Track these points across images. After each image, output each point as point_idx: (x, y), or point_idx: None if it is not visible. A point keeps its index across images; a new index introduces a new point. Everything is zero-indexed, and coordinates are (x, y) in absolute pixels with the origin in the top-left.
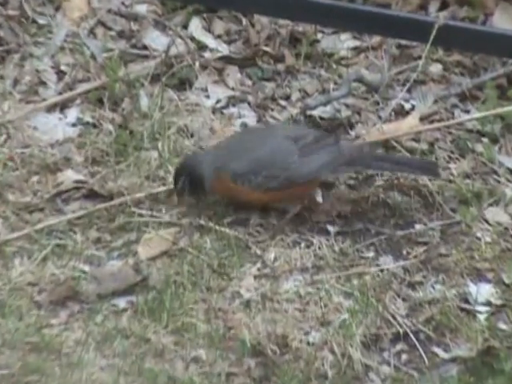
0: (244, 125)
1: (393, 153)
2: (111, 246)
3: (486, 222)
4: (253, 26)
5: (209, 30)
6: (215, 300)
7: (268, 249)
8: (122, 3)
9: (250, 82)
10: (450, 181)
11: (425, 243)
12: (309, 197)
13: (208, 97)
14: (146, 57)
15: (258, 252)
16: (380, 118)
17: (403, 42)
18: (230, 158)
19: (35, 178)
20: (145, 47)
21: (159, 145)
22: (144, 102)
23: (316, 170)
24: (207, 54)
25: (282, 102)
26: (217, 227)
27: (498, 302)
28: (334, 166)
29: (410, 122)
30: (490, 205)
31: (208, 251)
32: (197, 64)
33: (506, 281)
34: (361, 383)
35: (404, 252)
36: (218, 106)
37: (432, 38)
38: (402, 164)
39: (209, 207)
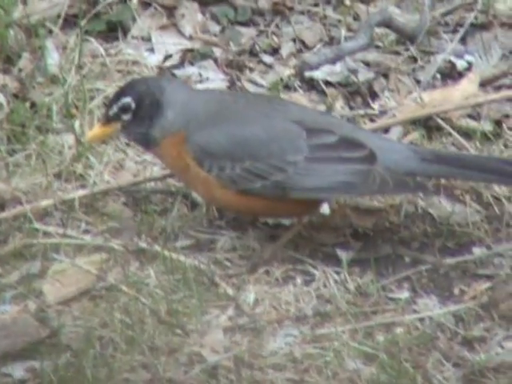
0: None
1: (438, 137)
2: (1, 283)
3: None
4: None
5: None
6: (163, 367)
7: (245, 287)
8: None
9: (216, 28)
10: None
11: (488, 277)
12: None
13: (152, 50)
14: None
15: (230, 292)
16: (418, 82)
17: None
18: (201, 121)
19: None
20: None
21: (76, 124)
22: (52, 59)
23: (321, 190)
24: None
25: (267, 59)
26: (166, 252)
27: None
28: (358, 193)
29: (466, 89)
30: None
31: (152, 290)
32: None
33: None
34: None
35: (456, 291)
36: (168, 64)
37: None
38: (469, 166)
39: (154, 220)
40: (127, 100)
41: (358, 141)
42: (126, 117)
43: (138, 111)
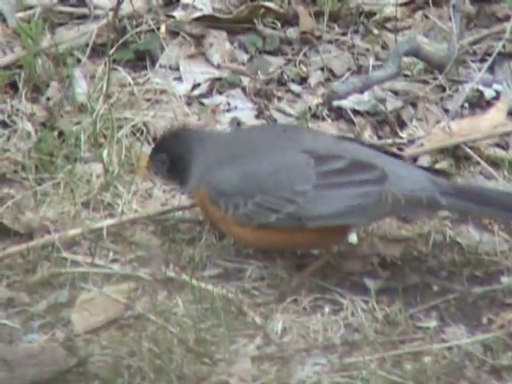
0: (236, 121)
1: (466, 166)
2: (29, 312)
3: None
4: None
5: None
6: None
7: (273, 315)
8: None
9: (244, 57)
10: None
11: None
12: (333, 244)
13: (180, 79)
14: (83, 17)
15: (258, 320)
16: (447, 111)
17: None
18: (213, 162)
19: None
20: (82, 1)
21: (104, 153)
22: (81, 88)
23: (337, 215)
24: (178, 13)
25: (295, 87)
26: (194, 281)
27: None
28: (372, 215)
29: (494, 118)
30: None
31: (180, 319)
32: (162, 28)
33: None
34: None
35: (484, 320)
36: (196, 93)
37: None
38: (488, 203)
39: (182, 249)
40: (163, 156)
41: (369, 162)
42: (163, 169)
43: (172, 168)
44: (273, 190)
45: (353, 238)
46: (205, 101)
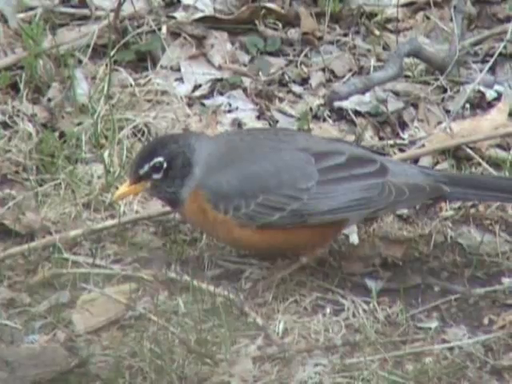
0: (237, 122)
1: (467, 166)
2: (31, 313)
3: None
4: None
5: None
6: None
7: (274, 316)
8: None
9: (246, 58)
10: None
11: None
12: (329, 243)
13: (181, 80)
14: (84, 18)
15: (260, 321)
16: (448, 112)
17: None
18: (211, 167)
19: None
20: (84, 3)
21: (105, 154)
22: (82, 89)
23: (339, 209)
24: (179, 14)
25: (296, 88)
26: (195, 282)
27: None
28: (375, 207)
29: (495, 119)
30: None
31: (181, 320)
32: (163, 29)
33: None
34: None
35: (485, 321)
36: (197, 94)
37: None
38: (486, 188)
39: (183, 249)
40: (159, 159)
41: (368, 157)
42: (157, 176)
43: (170, 171)
44: (276, 189)
45: (354, 238)
46: (206, 102)
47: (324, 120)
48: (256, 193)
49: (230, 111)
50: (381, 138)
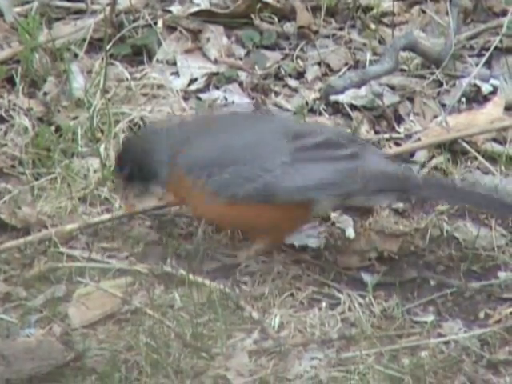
0: None
1: (463, 160)
2: (27, 307)
3: None
4: None
5: None
6: None
7: (270, 310)
8: None
9: (241, 52)
10: None
11: None
12: (295, 230)
13: (177, 74)
14: (80, 12)
15: (256, 315)
16: (444, 106)
17: None
18: (187, 142)
19: None
20: None
21: (101, 148)
22: (78, 83)
23: (310, 188)
24: (175, 8)
25: (292, 82)
26: (191, 276)
27: None
28: (346, 190)
29: (491, 113)
30: None
31: (177, 314)
32: (159, 23)
33: None
34: None
35: (481, 315)
36: (193, 87)
37: None
38: (469, 199)
39: (179, 243)
40: (126, 171)
41: (344, 141)
42: (136, 180)
43: (141, 172)
44: (250, 160)
45: (350, 232)
46: (202, 96)
47: (320, 114)
48: (230, 162)
49: (225, 105)
50: (376, 132)
